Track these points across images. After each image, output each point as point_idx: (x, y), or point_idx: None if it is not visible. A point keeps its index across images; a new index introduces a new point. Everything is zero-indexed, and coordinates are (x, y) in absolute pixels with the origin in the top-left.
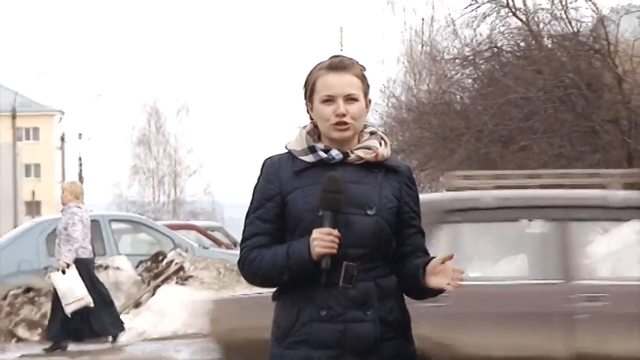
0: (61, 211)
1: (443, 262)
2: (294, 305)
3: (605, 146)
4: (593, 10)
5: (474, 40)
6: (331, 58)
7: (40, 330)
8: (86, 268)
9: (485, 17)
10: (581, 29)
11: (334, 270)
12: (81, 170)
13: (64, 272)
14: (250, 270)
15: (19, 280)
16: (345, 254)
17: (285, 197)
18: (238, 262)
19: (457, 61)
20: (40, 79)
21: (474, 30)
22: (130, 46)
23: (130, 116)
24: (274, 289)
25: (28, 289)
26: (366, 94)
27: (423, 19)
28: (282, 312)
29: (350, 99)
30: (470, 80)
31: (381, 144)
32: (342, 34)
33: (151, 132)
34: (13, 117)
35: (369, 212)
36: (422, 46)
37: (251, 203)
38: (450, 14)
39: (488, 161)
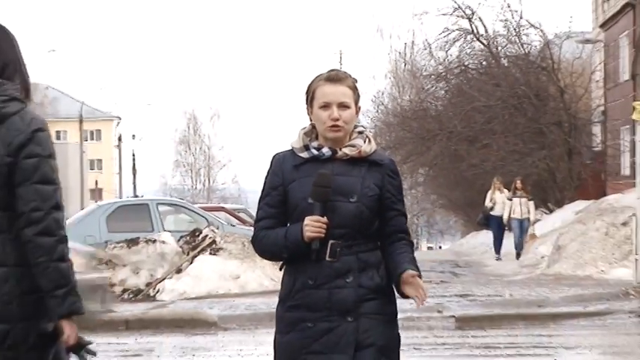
0: None
1: (413, 277)
2: (291, 275)
3: (550, 144)
4: (541, 36)
5: (446, 60)
6: (329, 71)
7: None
8: None
9: (454, 42)
10: (531, 51)
11: (322, 247)
12: (134, 164)
13: None
14: (259, 247)
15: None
16: (331, 233)
17: (287, 187)
18: (251, 240)
19: (432, 76)
20: (102, 91)
21: (446, 52)
22: (172, 64)
23: (173, 121)
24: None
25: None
26: (356, 102)
27: (405, 44)
28: (284, 280)
29: (343, 106)
30: (442, 92)
31: (365, 142)
32: (342, 55)
33: (189, 134)
34: (80, 122)
35: (351, 200)
36: (404, 65)
37: (262, 191)
38: (426, 39)
39: (457, 156)
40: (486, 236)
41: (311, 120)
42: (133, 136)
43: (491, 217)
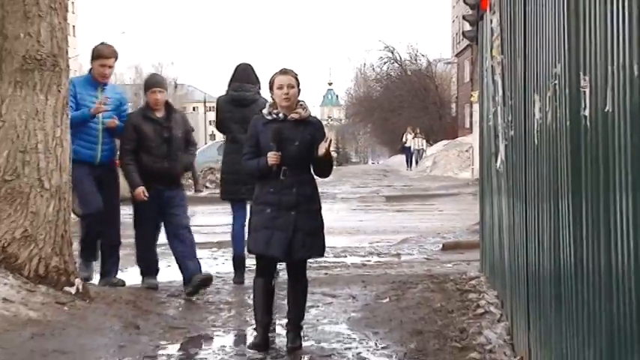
0: None
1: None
2: (260, 185)
3: (430, 113)
4: (427, 60)
5: (381, 73)
6: (281, 69)
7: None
8: None
9: (385, 63)
10: (421, 67)
11: (279, 171)
12: None
13: None
14: (245, 168)
15: (207, 164)
16: (284, 163)
17: (259, 135)
18: (241, 163)
19: (374, 81)
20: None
21: (381, 68)
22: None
23: None
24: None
25: (210, 168)
26: (298, 85)
27: (361, 64)
28: (256, 188)
29: (290, 86)
30: (379, 88)
31: (304, 110)
32: (331, 70)
33: None
34: (204, 103)
35: (295, 144)
36: (361, 75)
37: (247, 137)
38: (372, 63)
39: (385, 119)
40: (401, 157)
41: (272, 98)
42: None
43: (405, 147)
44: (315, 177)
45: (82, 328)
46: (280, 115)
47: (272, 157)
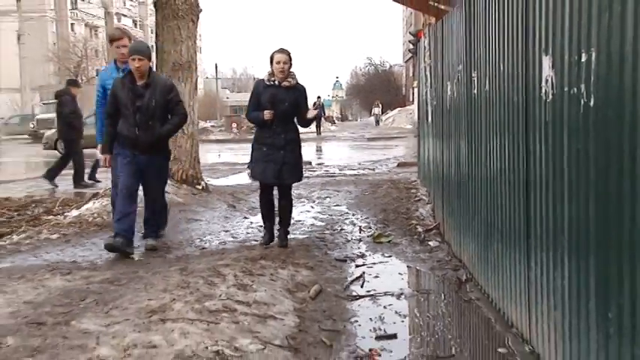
0: None
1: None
2: (258, 132)
3: (391, 93)
4: (389, 65)
5: (365, 71)
6: (279, 48)
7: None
8: None
9: (366, 66)
10: (387, 68)
11: (273, 123)
12: None
13: None
14: (249, 119)
15: None
16: (277, 117)
17: (260, 96)
18: (245, 115)
19: (361, 75)
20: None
21: (365, 68)
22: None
23: None
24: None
25: None
26: (290, 61)
27: (354, 66)
28: (256, 134)
29: (285, 62)
30: (364, 79)
31: (292, 80)
32: (337, 69)
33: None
34: None
35: (285, 104)
36: (354, 72)
37: (250, 97)
38: (361, 66)
39: (368, 97)
40: (372, 118)
41: (272, 69)
42: None
43: (375, 114)
44: (300, 128)
45: (205, 207)
46: (276, 82)
47: (267, 113)
